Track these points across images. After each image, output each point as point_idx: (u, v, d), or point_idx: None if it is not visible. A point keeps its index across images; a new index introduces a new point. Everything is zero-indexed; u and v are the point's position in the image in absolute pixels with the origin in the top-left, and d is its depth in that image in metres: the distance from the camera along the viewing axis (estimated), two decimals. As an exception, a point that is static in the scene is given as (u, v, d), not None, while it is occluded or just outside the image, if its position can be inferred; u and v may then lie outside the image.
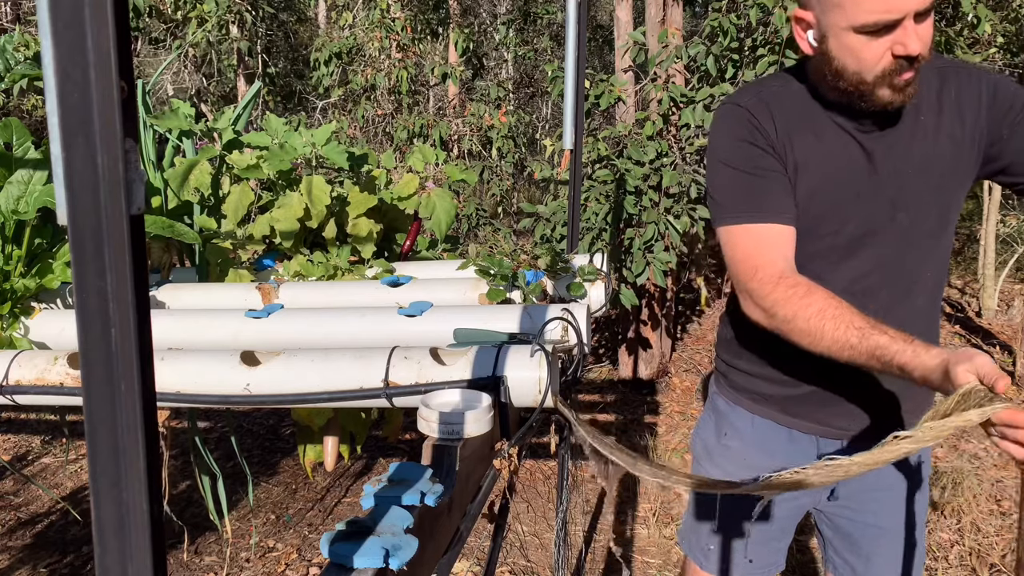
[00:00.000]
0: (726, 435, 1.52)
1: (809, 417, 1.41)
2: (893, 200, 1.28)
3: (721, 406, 1.54)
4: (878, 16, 1.13)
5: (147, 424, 0.47)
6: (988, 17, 3.62)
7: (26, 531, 3.17)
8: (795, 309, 1.19)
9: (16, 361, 1.31)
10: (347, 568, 0.75)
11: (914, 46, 1.13)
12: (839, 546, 1.52)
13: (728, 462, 1.51)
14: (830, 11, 1.18)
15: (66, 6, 0.42)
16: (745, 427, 1.49)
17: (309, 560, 3.01)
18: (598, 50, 9.49)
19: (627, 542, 3.15)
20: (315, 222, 1.79)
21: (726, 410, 1.52)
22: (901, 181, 1.28)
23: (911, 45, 1.13)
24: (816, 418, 1.41)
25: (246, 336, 1.44)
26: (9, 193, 1.59)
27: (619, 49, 4.43)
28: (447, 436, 1.00)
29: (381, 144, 6.90)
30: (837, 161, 1.29)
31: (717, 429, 1.54)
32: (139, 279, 0.45)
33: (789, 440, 1.44)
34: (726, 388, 1.53)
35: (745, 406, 1.48)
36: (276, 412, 4.10)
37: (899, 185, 1.28)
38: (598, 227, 3.81)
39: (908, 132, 1.27)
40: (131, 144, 0.44)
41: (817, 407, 1.40)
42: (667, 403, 4.57)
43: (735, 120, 1.31)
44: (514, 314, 1.38)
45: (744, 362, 1.47)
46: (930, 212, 1.29)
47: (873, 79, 1.18)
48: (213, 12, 6.75)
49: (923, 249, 1.32)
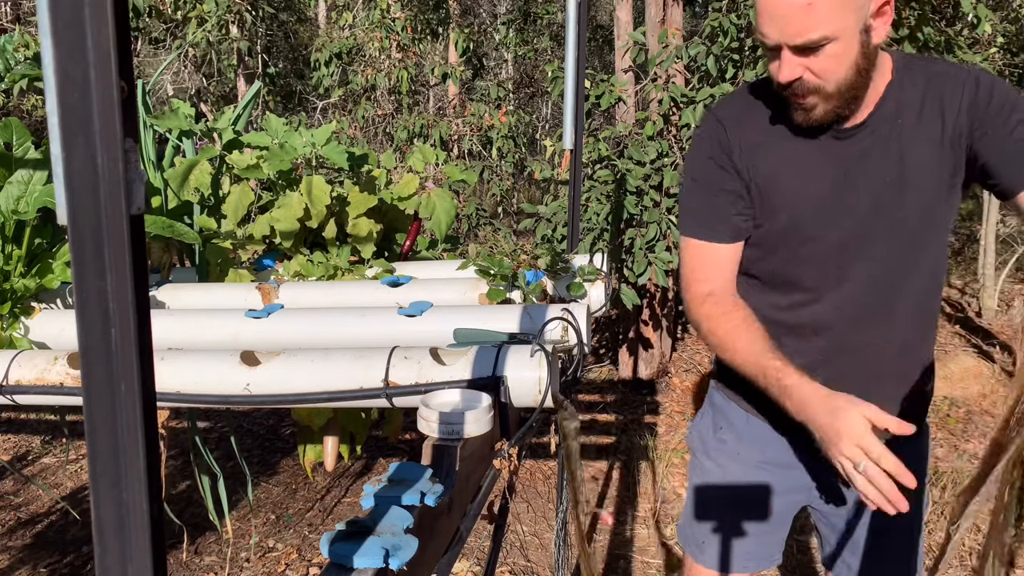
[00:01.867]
0: (721, 429, 1.53)
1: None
2: (869, 205, 1.28)
3: (718, 401, 1.56)
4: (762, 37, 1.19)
5: (147, 424, 0.47)
6: (988, 17, 3.62)
7: (26, 531, 3.17)
8: (712, 326, 1.34)
9: (16, 361, 1.31)
10: (347, 568, 0.75)
11: (783, 74, 1.18)
12: (836, 544, 1.53)
13: (722, 456, 1.53)
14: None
15: (66, 6, 0.42)
16: (739, 422, 1.50)
17: (309, 560, 3.01)
18: (598, 50, 9.49)
19: (627, 542, 3.15)
20: (315, 222, 1.79)
21: (722, 405, 1.54)
22: (876, 187, 1.27)
23: (781, 73, 1.19)
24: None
25: (246, 336, 1.44)
26: (9, 193, 1.59)
27: (619, 49, 4.43)
28: (447, 436, 1.00)
29: (381, 144, 6.90)
30: (809, 168, 1.30)
31: (713, 423, 1.56)
32: (139, 279, 0.45)
33: (782, 435, 1.45)
34: (722, 384, 1.55)
35: (740, 403, 1.49)
36: (276, 412, 4.10)
37: (874, 191, 1.28)
38: (599, 227, 3.81)
39: (884, 137, 1.27)
40: (131, 144, 0.44)
41: None
42: (667, 403, 4.57)
43: (706, 133, 1.39)
44: (514, 314, 1.38)
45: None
46: (909, 215, 1.28)
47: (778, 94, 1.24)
48: (213, 12, 6.75)
49: (905, 252, 1.31)
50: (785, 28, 1.15)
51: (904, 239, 1.30)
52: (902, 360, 1.37)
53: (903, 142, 1.26)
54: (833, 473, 1.26)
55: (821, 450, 1.20)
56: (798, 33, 1.14)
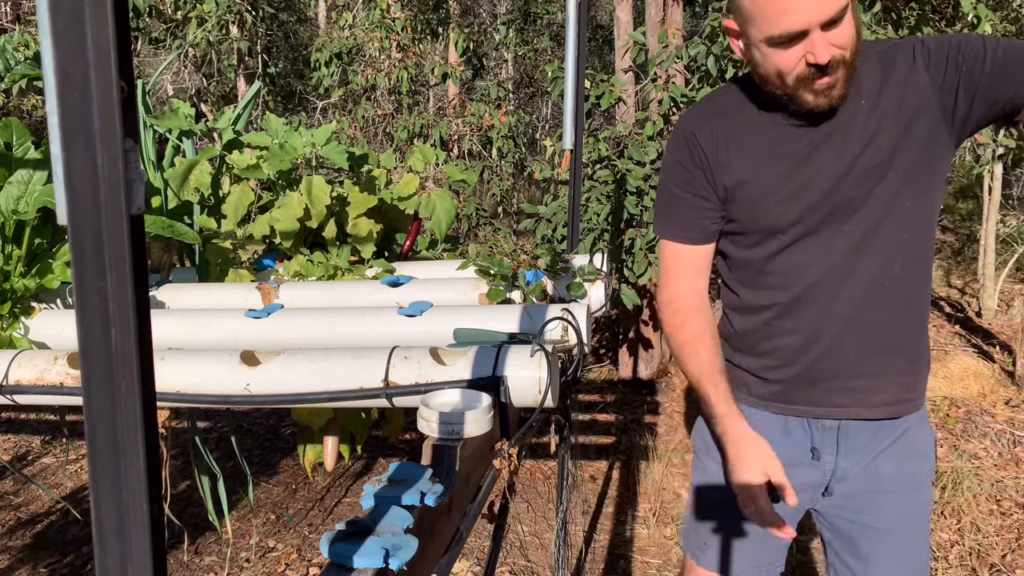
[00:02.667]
0: None
1: (805, 400, 1.42)
2: (845, 192, 1.30)
3: None
4: (783, 30, 1.19)
5: (147, 424, 0.47)
6: (988, 17, 3.62)
7: (26, 531, 3.17)
8: (672, 331, 1.45)
9: (16, 361, 1.31)
10: (347, 568, 0.75)
11: (822, 55, 1.19)
12: (839, 548, 1.52)
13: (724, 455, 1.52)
14: (747, 24, 1.25)
15: (66, 6, 0.42)
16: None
17: (309, 560, 3.01)
18: (598, 50, 9.50)
19: (627, 542, 3.15)
20: (315, 222, 1.79)
21: None
22: (849, 172, 1.29)
23: (820, 55, 1.19)
24: (812, 399, 1.42)
25: (246, 336, 1.44)
26: (9, 193, 1.59)
27: (619, 49, 4.43)
28: (447, 436, 1.00)
29: (381, 144, 6.90)
30: (782, 161, 1.33)
31: None
32: (139, 279, 0.45)
33: (784, 432, 1.45)
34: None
35: (743, 400, 1.49)
36: (276, 412, 4.10)
37: (848, 176, 1.30)
38: (599, 227, 3.81)
39: (849, 121, 1.29)
40: (131, 144, 0.44)
41: (812, 387, 1.41)
42: (667, 403, 4.57)
43: (678, 138, 1.43)
44: (514, 314, 1.38)
45: (741, 355, 1.49)
46: (888, 197, 1.30)
47: (793, 85, 1.25)
48: (213, 12, 6.75)
49: (884, 239, 1.32)
50: (813, 7, 1.16)
51: (886, 220, 1.31)
52: (892, 334, 1.38)
53: (868, 121, 1.29)
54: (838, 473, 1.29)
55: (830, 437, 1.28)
56: (832, 4, 1.16)
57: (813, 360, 1.39)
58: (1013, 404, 4.28)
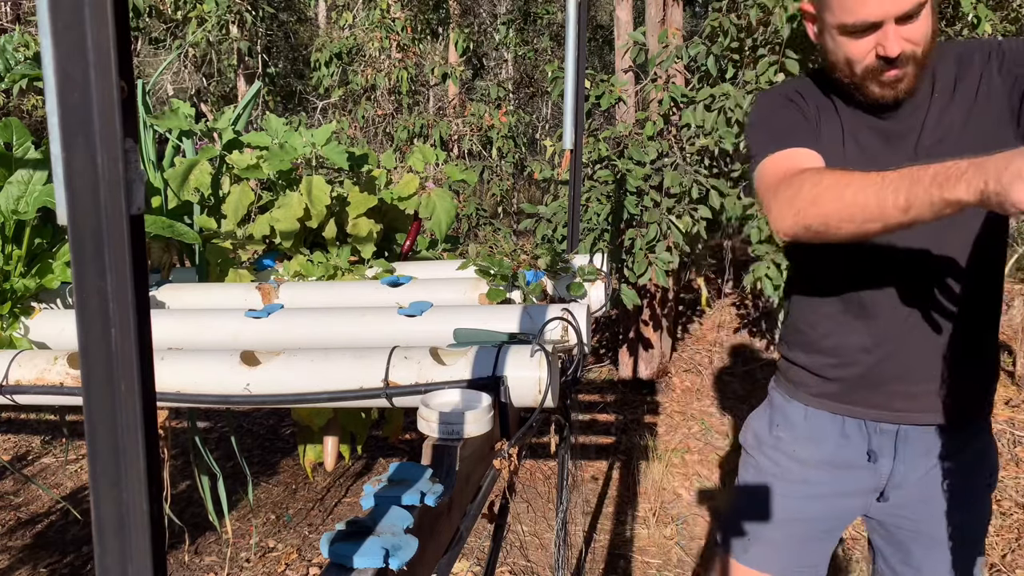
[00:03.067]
0: (778, 426, 1.53)
1: (865, 402, 1.41)
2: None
3: (777, 400, 1.56)
4: (857, 19, 1.20)
5: (147, 424, 0.47)
6: (988, 17, 3.62)
7: (26, 531, 3.17)
8: (815, 180, 1.17)
9: (16, 361, 1.31)
10: (347, 568, 0.75)
11: (893, 48, 1.19)
12: (890, 556, 1.49)
13: (777, 452, 1.52)
14: (823, 9, 1.26)
15: (66, 6, 0.42)
16: (798, 419, 1.49)
17: (309, 560, 3.01)
18: (598, 50, 9.49)
19: (627, 542, 3.15)
20: (315, 222, 1.79)
21: (781, 403, 1.54)
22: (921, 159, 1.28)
23: (890, 47, 1.20)
24: (872, 402, 1.40)
25: (246, 336, 1.44)
26: (9, 193, 1.59)
27: (619, 49, 4.43)
28: (447, 436, 1.00)
29: (381, 144, 6.90)
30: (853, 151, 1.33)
31: (770, 421, 1.55)
32: (139, 279, 0.45)
33: (841, 433, 1.44)
34: (784, 383, 1.55)
35: (801, 399, 1.49)
36: (276, 412, 4.10)
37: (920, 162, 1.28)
38: (599, 228, 3.81)
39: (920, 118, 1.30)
40: (131, 144, 0.44)
41: (874, 389, 1.39)
42: (667, 403, 4.57)
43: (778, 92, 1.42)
44: (514, 314, 1.38)
45: (802, 353, 1.48)
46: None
47: (862, 75, 1.25)
48: (213, 12, 6.75)
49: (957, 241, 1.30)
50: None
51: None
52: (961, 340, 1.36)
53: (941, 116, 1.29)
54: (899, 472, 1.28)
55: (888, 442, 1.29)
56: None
57: (877, 361, 1.37)
58: (1013, 404, 4.28)
